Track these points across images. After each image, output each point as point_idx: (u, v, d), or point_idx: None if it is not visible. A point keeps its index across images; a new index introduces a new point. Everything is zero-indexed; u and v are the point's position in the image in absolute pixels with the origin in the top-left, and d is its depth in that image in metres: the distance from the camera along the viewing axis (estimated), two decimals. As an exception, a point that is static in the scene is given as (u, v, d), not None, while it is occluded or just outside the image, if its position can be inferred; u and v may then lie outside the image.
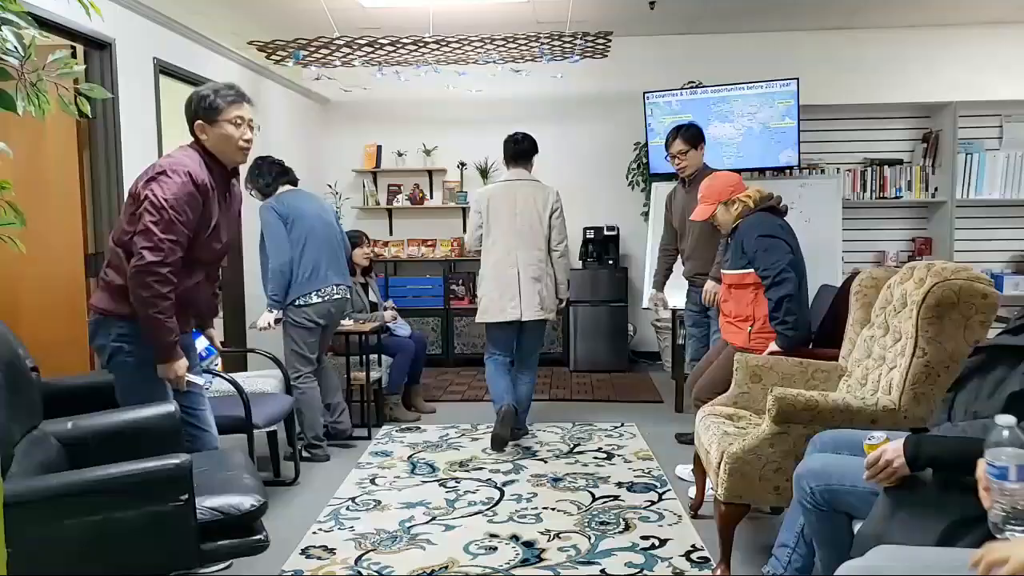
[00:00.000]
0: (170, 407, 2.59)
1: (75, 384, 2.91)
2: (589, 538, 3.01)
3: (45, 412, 2.50)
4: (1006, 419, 1.40)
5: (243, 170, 3.03)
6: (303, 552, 2.94)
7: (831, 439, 2.29)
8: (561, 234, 4.26)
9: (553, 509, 3.32)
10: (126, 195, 2.58)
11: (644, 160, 6.11)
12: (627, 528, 3.10)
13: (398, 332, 4.99)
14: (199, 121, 2.54)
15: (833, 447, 2.24)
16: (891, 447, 1.75)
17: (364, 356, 4.54)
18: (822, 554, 2.10)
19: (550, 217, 4.22)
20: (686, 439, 4.20)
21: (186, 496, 2.01)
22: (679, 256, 4.45)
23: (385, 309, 5.08)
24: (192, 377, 2.62)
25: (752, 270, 3.28)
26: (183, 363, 2.54)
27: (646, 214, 6.07)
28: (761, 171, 5.55)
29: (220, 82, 2.64)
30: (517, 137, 4.36)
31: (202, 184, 2.46)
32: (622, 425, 4.65)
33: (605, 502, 3.40)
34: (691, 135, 4.20)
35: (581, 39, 5.04)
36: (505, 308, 4.16)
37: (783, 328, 3.18)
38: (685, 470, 3.61)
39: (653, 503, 3.38)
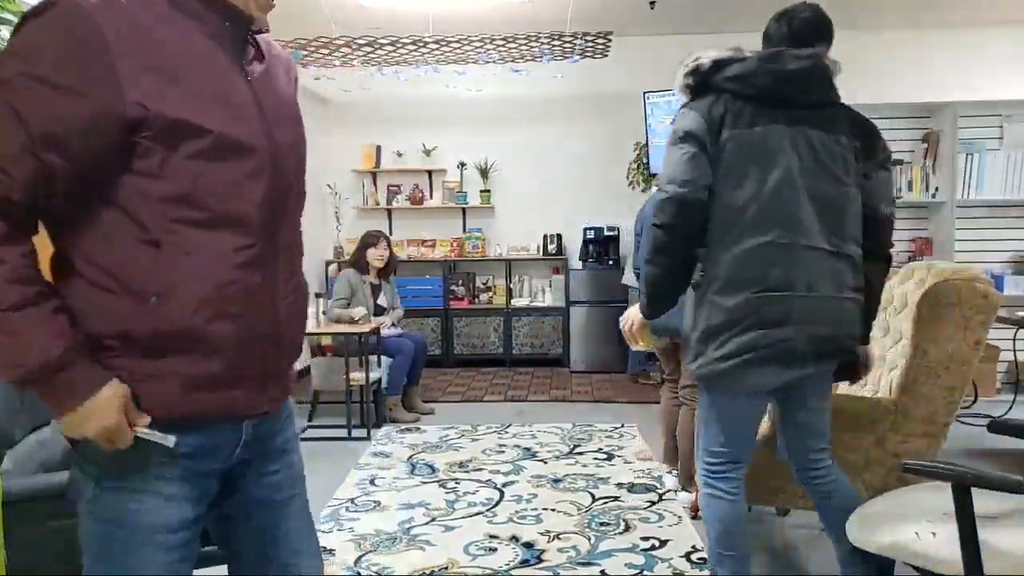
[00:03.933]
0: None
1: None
2: (589, 539, 3.00)
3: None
4: None
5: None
6: (303, 553, 2.93)
7: None
8: None
9: (553, 510, 3.31)
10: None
11: (644, 160, 6.11)
12: (627, 529, 3.10)
13: (385, 331, 4.94)
14: None
15: None
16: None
17: (363, 357, 4.54)
18: (839, 549, 2.13)
19: None
20: None
21: (185, 497, 2.00)
22: None
23: (391, 315, 5.06)
24: (152, 437, 1.16)
25: None
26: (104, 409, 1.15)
27: (646, 214, 6.07)
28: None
29: None
30: None
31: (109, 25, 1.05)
32: (622, 426, 4.65)
33: (605, 503, 3.39)
34: None
35: (581, 39, 5.03)
36: None
37: None
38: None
39: (653, 504, 3.37)
